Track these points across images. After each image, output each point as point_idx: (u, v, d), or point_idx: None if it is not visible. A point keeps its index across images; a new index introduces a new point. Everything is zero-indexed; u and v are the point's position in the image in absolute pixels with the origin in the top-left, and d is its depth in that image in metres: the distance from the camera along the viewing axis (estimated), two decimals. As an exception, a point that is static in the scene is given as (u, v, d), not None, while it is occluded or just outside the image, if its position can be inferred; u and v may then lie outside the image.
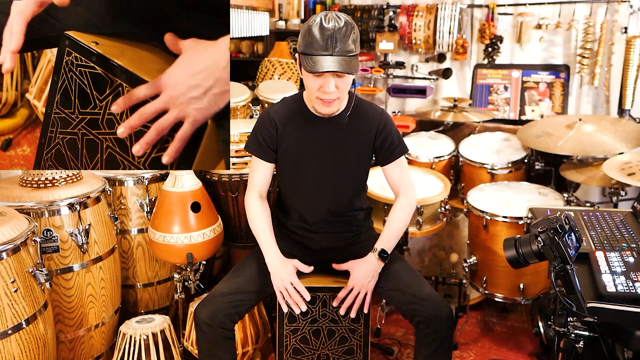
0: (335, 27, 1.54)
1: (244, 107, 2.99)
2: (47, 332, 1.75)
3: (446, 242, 2.94)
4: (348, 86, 1.66)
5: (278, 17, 4.13)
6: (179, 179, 2.09)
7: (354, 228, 1.91)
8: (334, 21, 1.55)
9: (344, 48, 1.55)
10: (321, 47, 1.54)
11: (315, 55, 1.55)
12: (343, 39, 1.54)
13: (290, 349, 1.83)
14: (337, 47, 1.54)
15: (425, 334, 1.65)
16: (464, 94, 3.75)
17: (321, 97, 1.64)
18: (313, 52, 1.55)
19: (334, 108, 1.69)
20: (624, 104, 3.15)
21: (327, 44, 1.54)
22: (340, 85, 1.62)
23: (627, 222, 1.75)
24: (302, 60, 1.58)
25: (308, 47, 1.56)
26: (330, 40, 1.54)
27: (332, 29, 1.53)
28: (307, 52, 1.57)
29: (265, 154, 1.81)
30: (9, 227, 1.65)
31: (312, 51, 1.55)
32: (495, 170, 2.87)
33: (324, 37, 1.54)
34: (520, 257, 1.31)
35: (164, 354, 1.92)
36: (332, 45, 1.54)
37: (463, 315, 2.58)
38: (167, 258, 2.12)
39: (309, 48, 1.56)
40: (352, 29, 1.57)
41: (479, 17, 3.59)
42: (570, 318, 1.28)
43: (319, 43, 1.54)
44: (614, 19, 3.19)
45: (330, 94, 1.62)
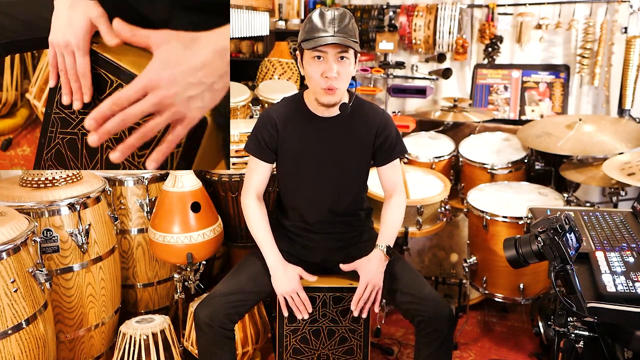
0: (335, 13, 1.60)
1: (244, 107, 2.99)
2: (47, 332, 1.75)
3: (446, 242, 2.94)
4: (348, 74, 1.66)
5: (278, 17, 4.13)
6: (179, 179, 2.09)
7: (354, 228, 1.91)
8: (333, 10, 1.61)
9: (345, 30, 1.59)
10: (322, 29, 1.58)
11: (316, 37, 1.58)
12: (343, 22, 1.59)
13: (290, 349, 1.83)
14: (339, 28, 1.58)
15: (426, 333, 1.65)
16: (464, 94, 3.75)
17: (324, 86, 1.64)
18: (314, 35, 1.58)
19: (337, 97, 1.68)
20: (624, 104, 3.15)
21: (328, 26, 1.58)
22: (341, 71, 1.62)
23: (627, 222, 1.75)
24: (304, 45, 1.61)
25: (309, 33, 1.60)
26: (331, 22, 1.58)
27: (332, 14, 1.59)
28: (307, 37, 1.60)
29: (265, 155, 1.81)
30: (9, 227, 1.65)
31: (313, 34, 1.59)
32: (495, 170, 2.87)
33: (324, 22, 1.58)
34: (520, 257, 1.31)
35: (164, 354, 1.92)
36: (333, 26, 1.58)
37: (463, 315, 2.58)
38: (167, 258, 2.12)
39: (309, 33, 1.60)
40: (351, 17, 1.63)
41: (479, 17, 3.59)
42: (570, 318, 1.28)
43: (319, 26, 1.58)
44: (614, 19, 3.19)
45: (331, 80, 1.62)
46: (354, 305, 1.72)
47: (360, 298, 1.71)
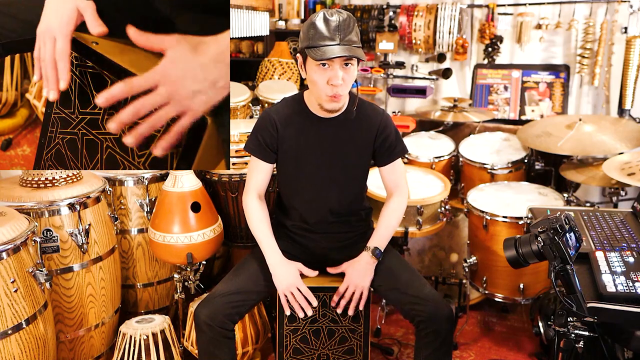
0: (340, 19, 1.57)
1: (244, 107, 2.99)
2: (47, 332, 1.75)
3: (446, 242, 2.94)
4: (353, 79, 1.66)
5: (278, 17, 4.13)
6: (179, 179, 2.09)
7: (354, 228, 1.91)
8: (337, 14, 1.58)
9: (350, 38, 1.57)
10: (328, 37, 1.56)
11: (322, 46, 1.56)
12: (348, 29, 1.57)
13: (290, 349, 1.83)
14: (345, 36, 1.56)
15: (426, 333, 1.65)
16: (464, 94, 3.75)
17: (330, 93, 1.63)
18: (319, 43, 1.56)
19: (341, 103, 1.69)
20: (624, 104, 3.15)
21: (333, 35, 1.55)
22: (346, 77, 1.62)
23: (627, 222, 1.75)
24: (309, 52, 1.58)
25: (313, 40, 1.57)
26: (337, 30, 1.56)
27: (337, 21, 1.56)
28: (312, 44, 1.57)
29: (265, 155, 1.81)
30: (9, 227, 1.65)
31: (319, 42, 1.56)
32: (495, 170, 2.87)
33: (329, 29, 1.55)
34: (520, 257, 1.31)
35: (164, 354, 1.92)
36: (338, 35, 1.56)
37: (463, 315, 2.58)
38: (167, 258, 2.12)
39: (314, 40, 1.57)
40: (354, 22, 1.60)
41: (479, 17, 3.59)
42: (570, 318, 1.28)
43: (325, 34, 1.55)
44: (614, 19, 3.19)
45: (337, 88, 1.61)
46: (333, 302, 1.76)
47: (342, 297, 1.74)
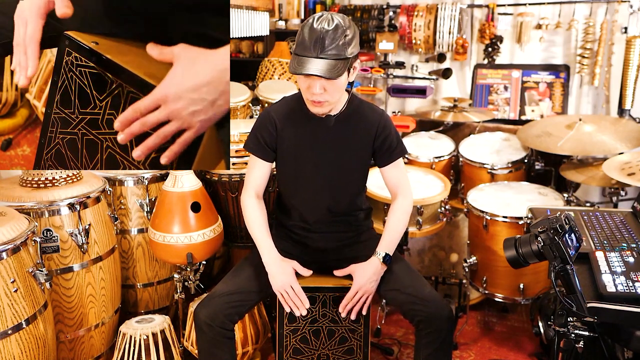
0: (324, 29, 1.53)
1: (244, 107, 2.99)
2: (47, 332, 1.75)
3: (446, 242, 2.94)
4: (338, 89, 1.64)
5: (278, 17, 4.13)
6: (179, 179, 2.09)
7: (354, 228, 1.91)
8: (325, 23, 1.54)
9: (331, 51, 1.54)
10: (307, 48, 1.54)
11: (301, 57, 1.55)
12: (331, 42, 1.53)
13: (290, 349, 1.83)
14: (323, 50, 1.53)
15: (426, 334, 1.65)
16: (464, 94, 3.75)
17: (311, 99, 1.65)
18: (300, 52, 1.56)
19: (325, 109, 1.68)
20: (624, 104, 3.15)
21: (314, 46, 1.53)
22: (328, 87, 1.60)
23: (627, 222, 1.75)
24: (291, 59, 1.59)
25: (298, 47, 1.58)
26: (317, 42, 1.53)
27: (320, 31, 1.53)
28: (296, 52, 1.58)
29: (264, 154, 1.81)
30: (9, 227, 1.65)
31: (300, 51, 1.56)
32: (495, 170, 2.87)
33: (311, 39, 1.54)
34: (520, 257, 1.31)
35: (164, 354, 1.92)
36: (318, 47, 1.53)
37: (463, 315, 2.58)
38: (167, 258, 2.12)
39: (298, 48, 1.57)
40: (343, 32, 1.55)
41: (479, 17, 3.59)
42: (570, 318, 1.28)
43: (306, 44, 1.54)
44: (614, 19, 3.19)
45: (316, 96, 1.62)
46: (342, 307, 1.74)
47: (350, 301, 1.73)
